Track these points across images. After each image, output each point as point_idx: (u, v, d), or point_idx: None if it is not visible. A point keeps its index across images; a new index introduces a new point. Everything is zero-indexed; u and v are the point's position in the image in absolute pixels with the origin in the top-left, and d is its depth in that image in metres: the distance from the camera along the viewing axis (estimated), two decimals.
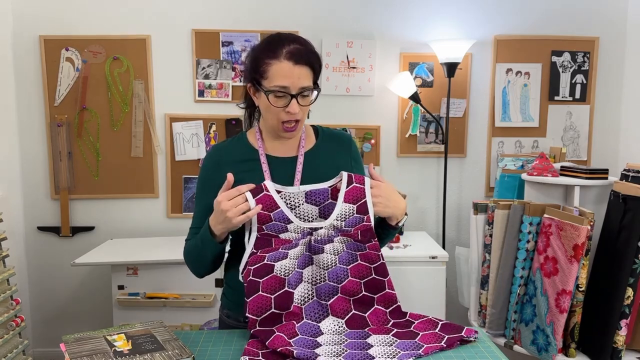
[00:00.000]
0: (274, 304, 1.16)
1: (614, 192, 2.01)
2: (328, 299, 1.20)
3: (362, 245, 1.25)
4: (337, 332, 1.17)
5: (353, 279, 1.22)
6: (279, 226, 1.23)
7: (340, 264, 1.23)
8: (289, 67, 1.22)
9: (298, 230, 1.24)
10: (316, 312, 1.19)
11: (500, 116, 3.07)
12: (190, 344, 1.20)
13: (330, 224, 1.25)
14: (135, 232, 3.02)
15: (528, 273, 2.08)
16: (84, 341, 1.07)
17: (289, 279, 1.19)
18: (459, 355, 1.11)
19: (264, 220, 1.23)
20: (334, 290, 1.21)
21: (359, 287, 1.22)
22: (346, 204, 1.26)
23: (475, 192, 3.13)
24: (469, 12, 3.01)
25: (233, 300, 1.41)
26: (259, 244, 1.22)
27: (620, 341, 1.88)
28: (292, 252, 1.22)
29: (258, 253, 1.21)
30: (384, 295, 1.22)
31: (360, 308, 1.21)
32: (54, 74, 2.90)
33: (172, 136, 2.98)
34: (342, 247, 1.24)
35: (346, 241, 1.25)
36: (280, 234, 1.23)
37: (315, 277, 1.22)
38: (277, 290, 1.17)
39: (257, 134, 1.38)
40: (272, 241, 1.23)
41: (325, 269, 1.22)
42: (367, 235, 1.26)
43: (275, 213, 1.23)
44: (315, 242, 1.24)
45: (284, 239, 1.23)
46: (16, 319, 2.42)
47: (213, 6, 2.94)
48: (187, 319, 2.54)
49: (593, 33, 3.04)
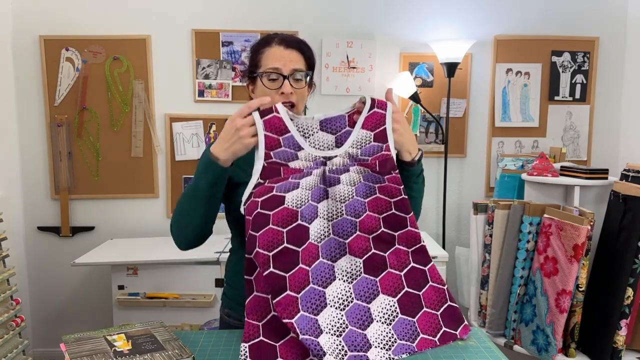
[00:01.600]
0: (287, 239, 1.02)
1: (614, 192, 2.01)
2: (346, 236, 1.07)
3: (380, 177, 1.13)
4: (350, 277, 1.05)
5: (371, 213, 1.09)
6: (288, 153, 1.10)
7: (357, 197, 1.10)
8: (280, 50, 1.27)
9: (310, 158, 1.12)
10: (333, 250, 1.06)
11: (500, 116, 3.07)
12: (190, 344, 1.20)
13: (345, 152, 1.13)
14: (135, 232, 3.02)
15: (528, 273, 2.08)
16: (84, 341, 1.07)
17: (302, 212, 1.05)
18: (458, 355, 1.11)
19: (272, 146, 1.10)
20: (352, 226, 1.08)
21: (378, 223, 1.09)
22: (363, 130, 1.15)
23: (475, 192, 3.13)
24: (469, 12, 3.01)
25: (234, 300, 1.41)
26: (266, 174, 1.08)
27: (620, 341, 1.88)
28: (304, 182, 1.08)
29: (265, 183, 1.07)
30: (406, 234, 1.10)
31: (379, 246, 1.08)
32: (54, 74, 2.90)
33: (172, 136, 2.98)
34: (359, 178, 1.12)
35: (363, 172, 1.13)
36: (290, 162, 1.10)
37: (332, 212, 1.08)
38: (289, 223, 1.03)
39: None
40: (281, 170, 1.09)
41: (342, 202, 1.09)
42: (387, 166, 1.14)
43: (285, 138, 1.11)
44: (330, 172, 1.11)
45: (294, 168, 1.10)
46: (16, 319, 2.42)
47: (213, 6, 2.94)
48: (187, 319, 2.54)
49: (593, 33, 3.04)
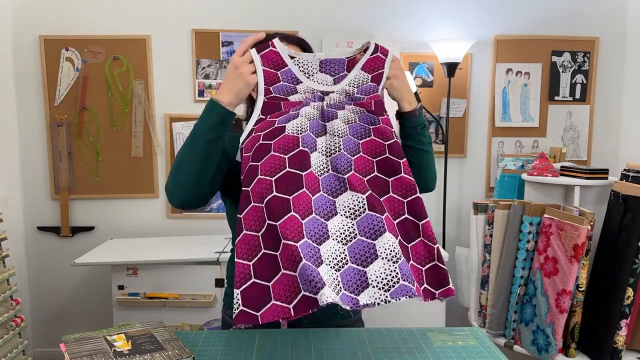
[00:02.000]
0: (289, 163, 1.01)
1: (614, 192, 2.01)
2: (345, 172, 1.05)
3: (375, 118, 1.12)
4: (352, 213, 1.02)
5: (365, 155, 1.08)
6: (287, 87, 1.12)
7: (351, 136, 1.09)
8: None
9: (309, 90, 1.13)
10: (333, 186, 1.04)
11: (500, 116, 3.07)
12: (190, 344, 1.20)
13: (342, 89, 1.14)
14: (135, 232, 3.02)
15: (528, 273, 2.08)
16: (84, 341, 1.07)
17: (303, 137, 1.04)
18: (458, 355, 1.11)
19: (271, 80, 1.11)
20: (348, 163, 1.06)
21: (372, 166, 1.07)
22: (362, 72, 1.16)
23: (475, 192, 3.13)
24: (469, 12, 3.01)
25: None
26: (266, 109, 1.09)
27: (621, 341, 1.88)
28: (303, 111, 1.09)
29: (267, 118, 1.07)
30: (400, 180, 1.07)
31: (375, 190, 1.05)
32: (54, 74, 2.90)
33: (172, 136, 2.98)
34: (354, 118, 1.11)
35: (359, 112, 1.12)
36: (290, 95, 1.11)
37: (330, 147, 1.08)
38: (291, 150, 1.02)
39: None
40: (282, 104, 1.10)
41: (339, 137, 1.08)
42: (380, 107, 1.14)
43: (283, 72, 1.12)
44: (327, 106, 1.12)
45: (293, 101, 1.11)
46: (16, 319, 2.42)
47: (213, 6, 2.94)
48: (187, 319, 2.54)
49: (593, 33, 3.04)
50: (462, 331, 1.28)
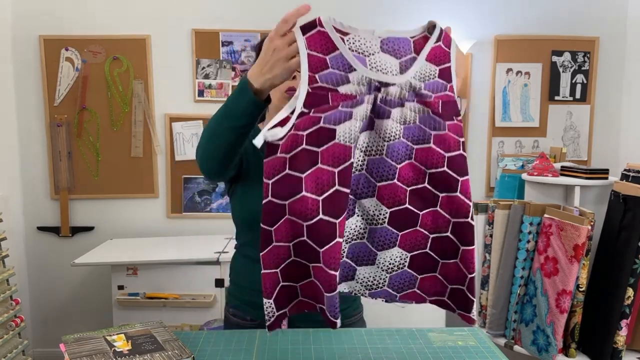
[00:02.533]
0: (338, 180, 0.86)
1: (614, 192, 2.01)
2: (380, 179, 0.91)
3: (441, 122, 0.93)
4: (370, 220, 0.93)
5: (416, 163, 0.92)
6: (337, 75, 0.90)
7: (404, 139, 0.91)
8: None
9: (364, 81, 0.90)
10: (361, 186, 0.92)
11: (501, 116, 3.07)
12: (190, 344, 1.20)
13: (407, 82, 0.92)
14: (135, 232, 3.02)
15: (528, 273, 2.08)
16: (83, 341, 1.07)
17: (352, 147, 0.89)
18: (458, 355, 1.10)
19: (316, 67, 0.89)
20: (390, 171, 0.91)
21: (422, 177, 0.92)
22: (428, 63, 0.94)
23: (475, 192, 3.13)
24: (469, 12, 3.01)
25: (239, 299, 1.40)
26: (310, 101, 0.88)
27: (621, 341, 1.88)
28: (356, 112, 0.89)
29: (310, 113, 0.88)
30: (452, 199, 0.93)
31: (416, 202, 0.91)
32: (53, 74, 2.90)
33: (172, 136, 2.98)
34: (413, 118, 0.92)
35: (421, 111, 0.93)
36: (340, 86, 0.89)
37: (371, 146, 0.92)
38: (342, 162, 0.86)
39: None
40: (329, 97, 0.89)
41: (385, 140, 0.91)
42: (450, 110, 0.95)
43: (332, 57, 0.90)
44: (381, 101, 0.91)
45: (344, 94, 0.89)
46: (16, 319, 2.42)
47: (213, 6, 2.94)
48: (187, 319, 2.54)
49: (593, 33, 3.04)
50: (462, 331, 1.28)
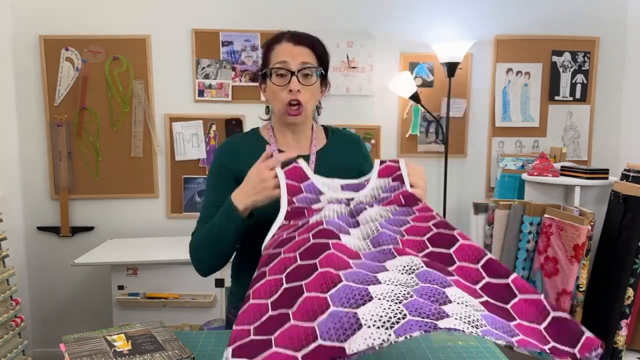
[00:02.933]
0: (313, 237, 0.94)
1: (615, 192, 2.01)
2: (390, 244, 0.94)
3: (409, 210, 1.05)
4: (409, 269, 0.86)
5: (411, 237, 0.97)
6: (310, 198, 1.10)
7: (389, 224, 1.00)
8: (290, 47, 1.26)
9: (332, 199, 1.10)
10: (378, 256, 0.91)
11: (501, 116, 3.07)
12: (190, 344, 1.20)
13: (367, 194, 1.11)
14: (135, 232, 3.02)
15: (528, 273, 2.08)
16: (83, 341, 1.07)
17: (328, 222, 0.99)
18: (458, 355, 1.10)
19: (294, 192, 1.10)
20: (394, 239, 0.95)
21: (423, 244, 0.96)
22: (379, 179, 1.14)
23: (475, 192, 3.13)
24: (469, 12, 3.01)
25: (241, 300, 1.40)
26: (290, 216, 1.07)
27: (621, 341, 1.88)
28: (328, 207, 1.06)
29: (290, 223, 1.05)
30: (461, 249, 0.93)
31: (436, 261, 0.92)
32: (54, 74, 2.90)
33: (172, 136, 2.98)
34: (387, 214, 1.04)
35: (390, 210, 1.05)
36: (313, 204, 1.09)
37: (367, 232, 0.99)
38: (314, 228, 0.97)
39: (270, 131, 1.39)
40: (305, 211, 1.07)
41: (374, 222, 1.01)
42: (412, 200, 1.08)
43: (305, 184, 1.11)
44: (355, 206, 1.07)
45: (316, 208, 1.07)
46: (16, 319, 2.42)
47: (213, 6, 2.94)
48: (187, 319, 2.54)
49: (593, 33, 3.04)
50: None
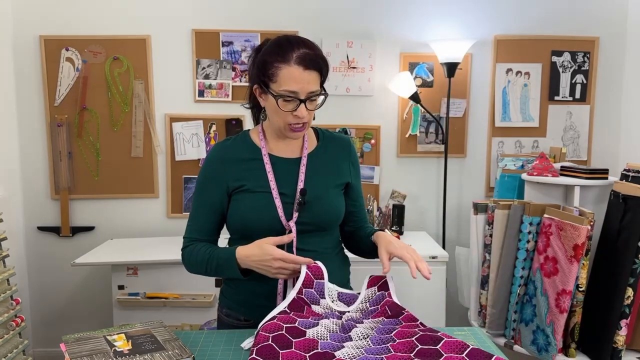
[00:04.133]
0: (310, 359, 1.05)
1: (614, 192, 2.01)
2: (382, 353, 1.06)
3: (396, 320, 1.17)
4: None
5: (401, 340, 1.09)
6: (315, 296, 1.22)
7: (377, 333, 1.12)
8: (299, 72, 1.22)
9: (327, 307, 1.22)
10: None
11: (500, 116, 3.07)
12: (190, 344, 1.20)
13: (357, 308, 1.23)
14: (135, 232, 3.02)
15: (528, 273, 2.08)
16: (84, 341, 1.07)
17: (322, 344, 1.08)
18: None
19: (307, 283, 1.21)
20: (384, 350, 1.07)
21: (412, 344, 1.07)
22: (368, 289, 1.26)
23: (475, 192, 3.13)
24: (469, 12, 3.01)
25: (233, 299, 1.41)
26: (293, 305, 1.18)
27: (620, 341, 1.88)
28: (323, 322, 1.16)
29: (291, 314, 1.16)
30: (447, 344, 1.05)
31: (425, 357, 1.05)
32: (54, 74, 2.90)
33: (172, 136, 2.98)
34: (376, 326, 1.15)
35: (378, 321, 1.17)
36: (313, 305, 1.21)
37: (359, 346, 1.10)
38: (311, 350, 1.06)
39: (260, 134, 1.38)
40: (305, 308, 1.19)
41: (366, 339, 1.12)
42: (396, 308, 1.21)
43: (317, 282, 1.23)
44: (346, 320, 1.18)
45: (314, 312, 1.20)
46: (16, 319, 2.42)
47: (213, 6, 2.94)
48: (187, 319, 2.55)
49: (593, 33, 3.04)
50: (462, 331, 1.29)
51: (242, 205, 1.32)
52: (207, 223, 1.37)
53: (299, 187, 1.32)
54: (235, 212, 1.33)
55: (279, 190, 1.31)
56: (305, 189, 1.31)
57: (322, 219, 1.35)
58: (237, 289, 1.39)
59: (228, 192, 1.34)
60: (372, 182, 3.06)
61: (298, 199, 1.30)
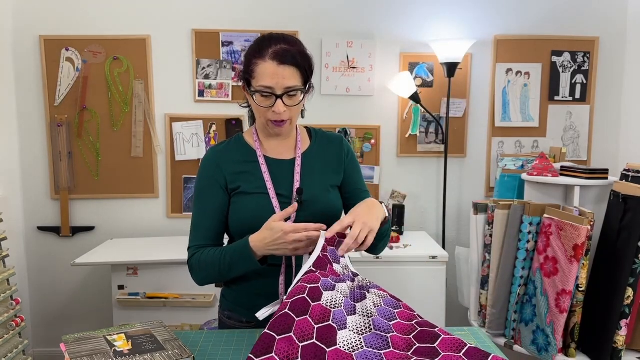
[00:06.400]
0: (317, 335, 1.06)
1: (614, 192, 2.01)
2: (381, 348, 1.08)
3: (397, 303, 1.19)
4: None
5: (399, 334, 1.11)
6: (335, 255, 1.22)
7: (380, 317, 1.14)
8: (274, 67, 1.22)
9: (346, 268, 1.23)
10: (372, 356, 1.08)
11: (500, 116, 3.07)
12: (190, 344, 1.20)
13: (363, 278, 1.25)
14: (135, 232, 3.02)
15: (528, 273, 2.08)
16: (84, 341, 1.07)
17: (335, 313, 1.11)
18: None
19: (330, 242, 1.22)
20: (384, 341, 1.09)
21: (410, 342, 1.10)
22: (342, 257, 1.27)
23: (475, 192, 3.13)
24: (469, 12, 3.01)
25: (234, 301, 1.41)
26: (318, 263, 1.18)
27: (620, 341, 1.88)
28: (339, 286, 1.18)
29: (317, 272, 1.16)
30: (444, 342, 1.07)
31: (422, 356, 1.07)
32: (54, 74, 2.90)
33: (172, 136, 2.98)
34: (379, 302, 1.18)
35: (382, 296, 1.20)
36: (334, 263, 1.22)
37: (360, 326, 1.12)
38: (322, 321, 1.08)
39: (254, 135, 1.39)
40: (327, 267, 1.20)
41: (369, 317, 1.14)
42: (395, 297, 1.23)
43: (337, 242, 1.24)
44: (357, 287, 1.20)
45: (335, 270, 1.21)
46: (16, 319, 2.42)
47: (213, 6, 2.94)
48: (187, 319, 2.54)
49: (593, 33, 3.04)
50: (462, 331, 1.29)
51: (239, 207, 1.32)
52: (212, 227, 1.35)
53: (295, 187, 1.32)
54: (234, 215, 1.34)
55: (276, 191, 1.31)
56: (301, 189, 1.30)
57: (320, 217, 1.35)
58: (238, 291, 1.39)
59: (228, 192, 1.34)
60: (372, 182, 3.07)
61: (295, 198, 1.30)
